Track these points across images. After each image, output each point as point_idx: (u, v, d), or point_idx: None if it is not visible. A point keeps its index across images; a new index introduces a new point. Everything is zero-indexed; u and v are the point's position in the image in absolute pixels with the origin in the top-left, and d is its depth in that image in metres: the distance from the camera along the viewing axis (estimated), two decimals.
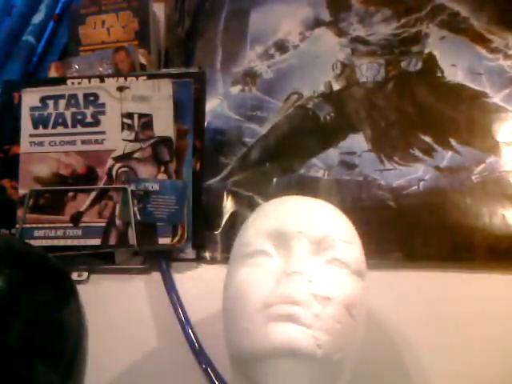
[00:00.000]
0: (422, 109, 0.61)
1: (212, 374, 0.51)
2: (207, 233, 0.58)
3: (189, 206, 0.57)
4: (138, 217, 0.56)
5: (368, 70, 0.64)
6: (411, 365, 0.51)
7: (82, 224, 0.57)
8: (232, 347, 0.38)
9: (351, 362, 0.38)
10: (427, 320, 0.52)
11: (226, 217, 0.59)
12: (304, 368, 0.35)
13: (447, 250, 0.54)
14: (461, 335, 0.51)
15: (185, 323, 0.54)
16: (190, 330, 0.54)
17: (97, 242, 0.56)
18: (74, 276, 0.57)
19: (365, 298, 0.39)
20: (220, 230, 0.59)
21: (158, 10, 0.70)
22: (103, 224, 0.57)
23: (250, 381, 0.37)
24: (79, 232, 0.57)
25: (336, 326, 0.36)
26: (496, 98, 0.60)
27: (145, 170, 0.57)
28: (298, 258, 0.37)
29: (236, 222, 0.58)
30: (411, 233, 0.55)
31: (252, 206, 0.58)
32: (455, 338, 0.51)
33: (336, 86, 0.64)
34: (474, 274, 0.53)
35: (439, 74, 0.63)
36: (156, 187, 0.56)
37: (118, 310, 0.56)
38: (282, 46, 0.68)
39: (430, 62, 0.64)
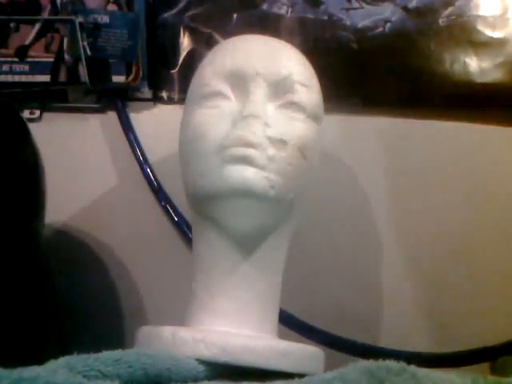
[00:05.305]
0: None
1: (171, 211, 0.54)
2: (164, 72, 0.56)
3: (142, 42, 0.54)
4: (88, 52, 0.53)
5: None
6: (362, 207, 0.54)
7: (29, 59, 0.53)
8: (189, 187, 0.39)
9: (302, 202, 0.40)
10: (381, 165, 0.54)
11: (183, 55, 0.56)
12: (257, 207, 0.36)
13: (406, 95, 0.54)
14: (414, 181, 0.54)
15: (143, 163, 0.55)
16: (148, 170, 0.55)
17: (46, 78, 0.54)
18: (26, 114, 0.55)
19: (319, 142, 0.40)
20: (177, 68, 0.56)
21: None
22: (51, 59, 0.53)
23: (208, 218, 0.38)
24: (26, 67, 0.54)
25: (288, 168, 0.37)
26: None
27: (92, 0, 0.53)
28: (254, 101, 0.37)
29: (194, 60, 0.55)
30: (371, 77, 0.54)
31: (210, 43, 0.55)
32: (408, 183, 0.54)
33: None
34: (431, 120, 0.54)
35: None
36: (106, 19, 0.52)
37: (74, 150, 0.56)
38: None
39: None
